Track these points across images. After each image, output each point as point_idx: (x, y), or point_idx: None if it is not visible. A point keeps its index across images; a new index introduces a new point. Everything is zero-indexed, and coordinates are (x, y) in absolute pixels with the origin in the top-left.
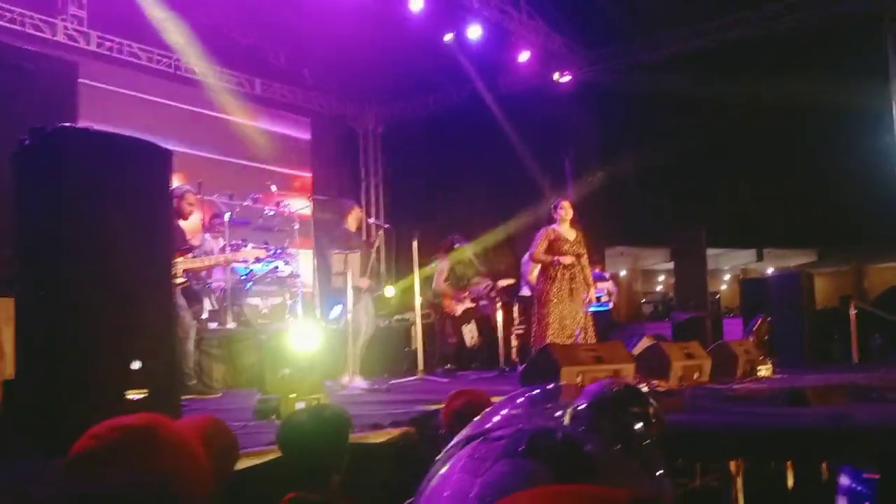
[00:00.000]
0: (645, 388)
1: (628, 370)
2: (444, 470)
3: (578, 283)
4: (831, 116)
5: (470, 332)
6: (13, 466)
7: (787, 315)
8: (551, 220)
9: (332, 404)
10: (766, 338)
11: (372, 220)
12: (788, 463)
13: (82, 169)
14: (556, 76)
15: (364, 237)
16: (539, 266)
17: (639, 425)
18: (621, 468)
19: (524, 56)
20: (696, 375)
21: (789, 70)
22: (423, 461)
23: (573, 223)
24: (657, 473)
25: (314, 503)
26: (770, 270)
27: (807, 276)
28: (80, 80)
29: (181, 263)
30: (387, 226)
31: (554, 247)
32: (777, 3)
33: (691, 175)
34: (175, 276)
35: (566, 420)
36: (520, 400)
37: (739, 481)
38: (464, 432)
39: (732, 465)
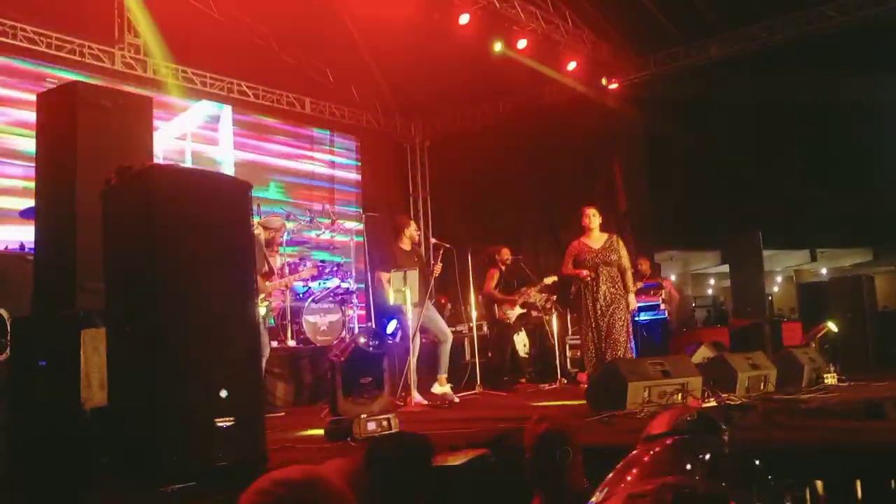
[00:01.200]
0: (715, 402)
1: (696, 384)
2: None
3: (605, 291)
4: (887, 113)
5: (522, 342)
6: (119, 496)
7: (849, 320)
8: (581, 230)
9: (412, 432)
10: (826, 346)
11: (434, 241)
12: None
13: (170, 206)
14: (603, 82)
15: (420, 256)
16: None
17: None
18: None
19: (571, 65)
20: (762, 386)
21: (844, 68)
22: (503, 484)
23: (605, 227)
24: None
25: None
26: (824, 271)
27: (868, 280)
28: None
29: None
30: (447, 245)
31: (578, 260)
32: (827, 5)
33: (741, 176)
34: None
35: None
36: (656, 450)
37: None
38: (605, 489)
39: (819, 485)
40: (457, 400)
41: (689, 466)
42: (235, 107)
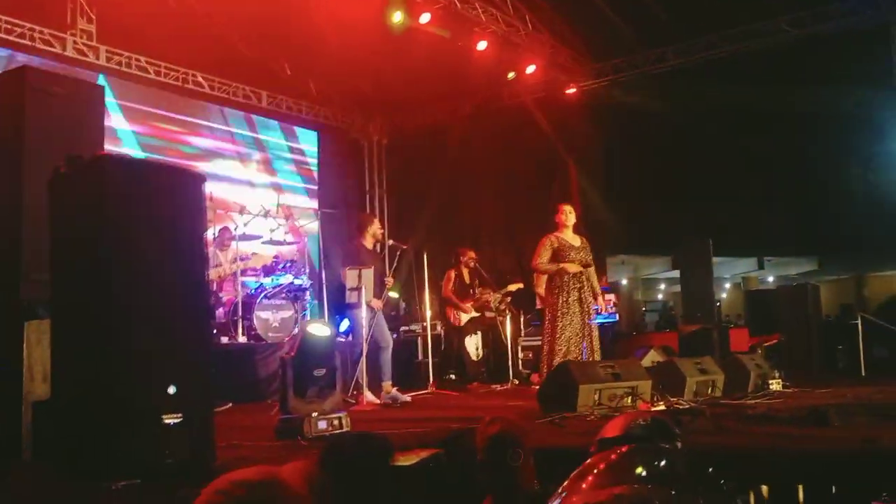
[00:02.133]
0: (664, 406)
1: (645, 387)
2: None
3: (586, 292)
4: (836, 124)
5: (475, 344)
6: (61, 492)
7: (794, 328)
8: (554, 226)
9: (373, 433)
10: (772, 353)
11: (391, 242)
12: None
13: (121, 196)
14: (563, 88)
15: (381, 254)
16: (545, 277)
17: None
18: None
19: (530, 68)
20: (709, 391)
21: (795, 78)
22: (455, 484)
23: (577, 228)
24: None
25: None
26: (771, 279)
27: (813, 289)
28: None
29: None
30: (405, 246)
31: (559, 255)
32: (778, 18)
33: (693, 183)
34: None
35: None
36: (612, 458)
37: None
38: (560, 497)
39: (765, 490)
40: (408, 399)
41: (644, 473)
42: (189, 97)
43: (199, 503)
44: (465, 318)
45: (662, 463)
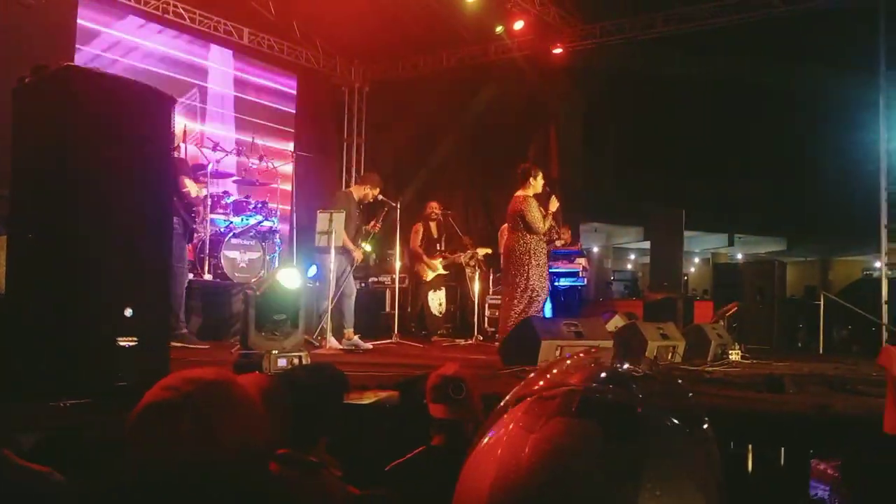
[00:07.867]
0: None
1: (606, 347)
2: (497, 427)
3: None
4: (819, 106)
5: (438, 300)
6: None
7: (758, 302)
8: (526, 187)
9: (330, 364)
10: (734, 324)
11: (380, 197)
12: (749, 446)
13: (86, 110)
14: (550, 47)
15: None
16: (508, 235)
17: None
18: (670, 432)
19: (518, 24)
20: (669, 356)
21: (782, 56)
22: (407, 425)
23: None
24: (703, 437)
25: (302, 462)
26: (739, 256)
27: (779, 266)
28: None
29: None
30: (393, 204)
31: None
32: None
33: (671, 156)
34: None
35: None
36: (563, 366)
37: None
38: (514, 391)
39: None
40: (369, 347)
41: (602, 376)
42: (169, 29)
43: (147, 397)
44: (431, 273)
45: (625, 366)
